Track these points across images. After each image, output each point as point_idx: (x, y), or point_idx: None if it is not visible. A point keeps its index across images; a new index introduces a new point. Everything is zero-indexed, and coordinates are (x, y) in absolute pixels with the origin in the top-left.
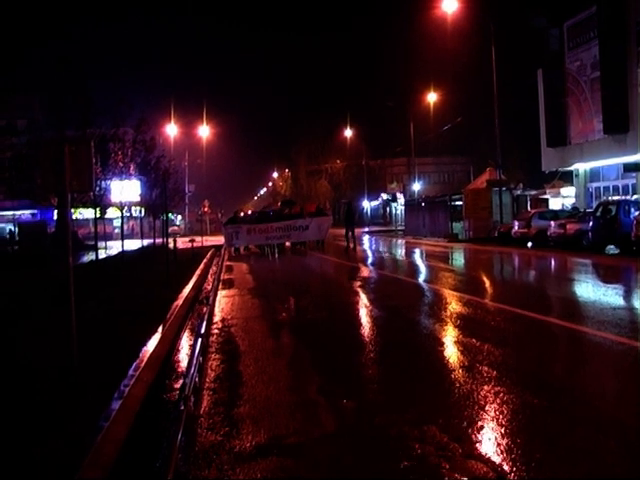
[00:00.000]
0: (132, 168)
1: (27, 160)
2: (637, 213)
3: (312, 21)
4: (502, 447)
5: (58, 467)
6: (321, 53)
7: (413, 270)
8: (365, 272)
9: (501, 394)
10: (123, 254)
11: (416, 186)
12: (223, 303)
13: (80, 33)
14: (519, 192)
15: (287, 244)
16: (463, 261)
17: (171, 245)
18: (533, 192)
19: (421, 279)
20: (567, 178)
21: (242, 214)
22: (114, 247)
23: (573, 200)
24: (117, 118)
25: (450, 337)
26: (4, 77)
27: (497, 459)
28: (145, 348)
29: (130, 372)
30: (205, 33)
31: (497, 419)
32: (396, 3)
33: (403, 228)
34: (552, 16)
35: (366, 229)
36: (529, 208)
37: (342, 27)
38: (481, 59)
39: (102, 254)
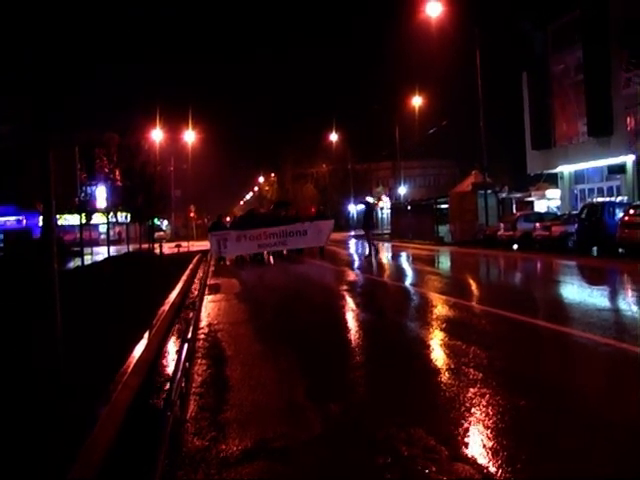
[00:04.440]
0: (117, 174)
1: (11, 165)
2: (622, 215)
3: (298, 25)
4: (489, 449)
5: (44, 473)
6: (307, 58)
7: (400, 274)
8: (351, 276)
9: (487, 396)
10: (109, 260)
11: (402, 190)
12: (209, 308)
13: (69, 35)
14: (504, 195)
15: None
16: (449, 264)
17: (157, 250)
18: (518, 195)
19: (408, 282)
20: (552, 180)
21: (227, 219)
22: (100, 253)
23: (558, 202)
24: (103, 123)
25: (437, 340)
26: None
27: (484, 461)
28: (132, 353)
29: (117, 377)
30: (191, 36)
31: (484, 421)
32: (382, 8)
33: (389, 231)
34: (536, 19)
35: (352, 233)
36: (514, 211)
37: (329, 32)
38: (466, 62)
39: (88, 260)
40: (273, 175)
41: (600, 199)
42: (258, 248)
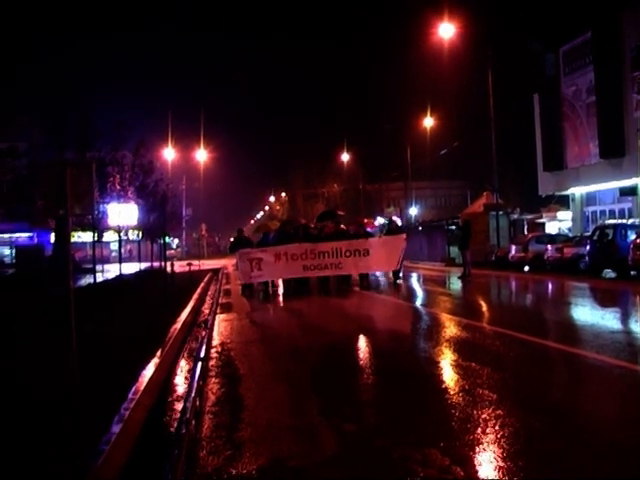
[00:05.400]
0: (130, 192)
1: (26, 182)
2: (634, 237)
3: (311, 45)
4: (503, 470)
5: None
6: (319, 77)
7: (411, 294)
8: (357, 295)
9: (501, 417)
10: (121, 277)
11: (413, 210)
12: (222, 327)
13: (79, 54)
14: (516, 216)
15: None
16: (465, 286)
17: (169, 268)
18: (530, 216)
19: (419, 303)
20: (563, 202)
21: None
22: (111, 270)
23: (570, 224)
24: (116, 142)
25: (449, 361)
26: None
27: None
28: (144, 372)
29: (130, 395)
30: (205, 54)
31: (498, 442)
32: (394, 27)
33: None
34: (548, 41)
35: None
36: (526, 232)
37: (340, 51)
38: (478, 83)
39: (99, 277)
40: (284, 194)
41: (612, 221)
42: (303, 271)
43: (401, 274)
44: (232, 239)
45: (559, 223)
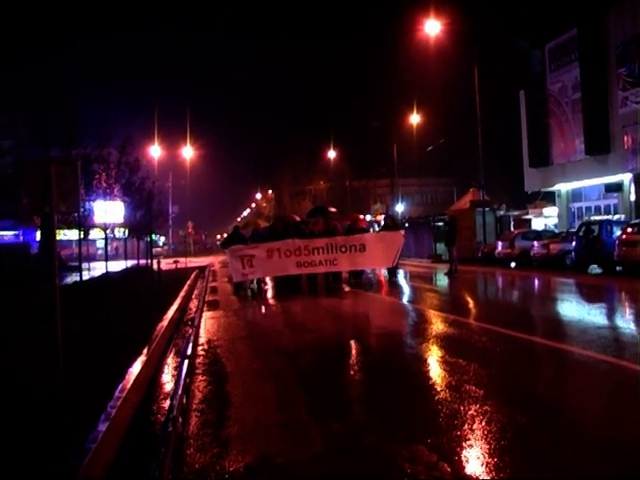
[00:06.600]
0: (116, 189)
1: (11, 180)
2: (619, 233)
3: (297, 42)
4: (490, 466)
5: None
6: (305, 74)
7: (399, 292)
8: (348, 293)
9: (488, 413)
10: (107, 275)
11: (400, 207)
12: (209, 324)
13: (65, 51)
14: (502, 212)
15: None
16: (448, 281)
17: (155, 266)
18: (516, 212)
19: (406, 299)
20: (549, 198)
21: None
22: (97, 268)
23: (556, 220)
24: (102, 139)
25: (437, 357)
26: None
27: (486, 478)
28: (131, 369)
29: (116, 393)
30: (190, 53)
31: (485, 438)
32: (380, 25)
33: None
34: (534, 38)
35: None
36: (512, 228)
37: (327, 48)
38: (465, 80)
39: (86, 275)
40: (270, 192)
41: (597, 217)
42: (297, 268)
43: (398, 271)
44: (219, 236)
45: (545, 219)
